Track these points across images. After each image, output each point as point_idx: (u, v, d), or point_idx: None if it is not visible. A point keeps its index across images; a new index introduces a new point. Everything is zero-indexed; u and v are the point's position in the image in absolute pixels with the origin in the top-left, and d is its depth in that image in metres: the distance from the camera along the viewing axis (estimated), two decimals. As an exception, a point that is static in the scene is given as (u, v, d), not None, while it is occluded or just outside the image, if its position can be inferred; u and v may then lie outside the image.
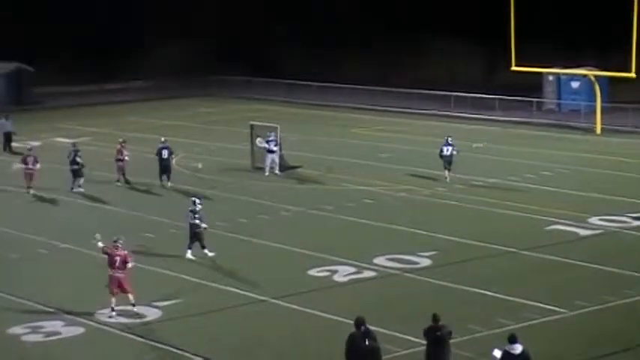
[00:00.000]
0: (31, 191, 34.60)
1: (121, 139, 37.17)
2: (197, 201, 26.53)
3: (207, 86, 64.82)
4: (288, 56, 67.69)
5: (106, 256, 22.12)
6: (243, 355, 19.90)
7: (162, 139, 36.97)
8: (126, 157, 35.85)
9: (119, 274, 21.72)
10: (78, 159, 35.04)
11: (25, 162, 35.26)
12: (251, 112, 53.60)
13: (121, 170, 35.97)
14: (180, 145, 42.19)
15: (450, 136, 36.71)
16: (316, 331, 21.10)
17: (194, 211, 26.21)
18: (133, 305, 21.91)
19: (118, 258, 21.72)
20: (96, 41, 66.69)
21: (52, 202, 33.90)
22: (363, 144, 44.97)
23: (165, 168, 35.90)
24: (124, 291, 21.83)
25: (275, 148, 37.45)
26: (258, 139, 38.09)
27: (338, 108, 57.37)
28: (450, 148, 35.73)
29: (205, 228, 26.28)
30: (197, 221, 26.15)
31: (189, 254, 26.32)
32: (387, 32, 65.85)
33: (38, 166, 35.07)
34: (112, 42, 67.22)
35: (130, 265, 21.90)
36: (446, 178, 35.51)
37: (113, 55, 66.67)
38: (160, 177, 35.83)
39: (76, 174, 35.02)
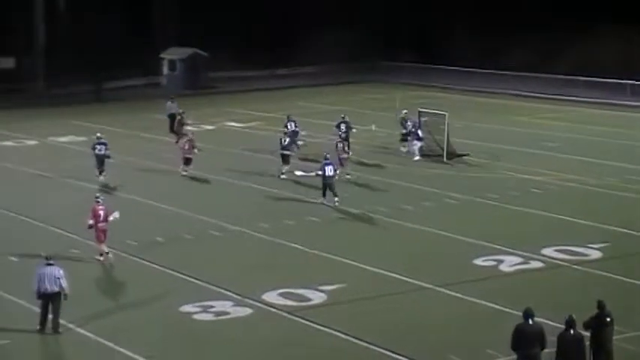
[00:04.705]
0: (184, 173, 35.24)
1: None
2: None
3: (374, 72, 65.01)
4: (452, 42, 67.01)
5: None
6: (406, 341, 19.96)
7: (342, 115, 38.80)
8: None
9: (103, 226, 25.10)
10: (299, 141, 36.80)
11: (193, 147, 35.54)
12: (414, 98, 53.41)
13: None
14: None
15: (345, 115, 39.13)
16: (480, 321, 20.97)
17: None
18: (107, 253, 25.17)
19: (102, 212, 25.19)
20: (267, 27, 67.92)
21: (225, 184, 34.75)
22: (528, 132, 44.07)
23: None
24: (103, 240, 25.16)
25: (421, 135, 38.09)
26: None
27: (502, 95, 56.49)
28: (344, 125, 37.89)
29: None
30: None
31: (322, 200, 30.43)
32: (555, 16, 64.04)
33: (196, 150, 35.58)
34: (283, 28, 68.29)
35: (110, 218, 25.27)
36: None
37: (283, 41, 67.70)
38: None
39: (284, 160, 35.16)
